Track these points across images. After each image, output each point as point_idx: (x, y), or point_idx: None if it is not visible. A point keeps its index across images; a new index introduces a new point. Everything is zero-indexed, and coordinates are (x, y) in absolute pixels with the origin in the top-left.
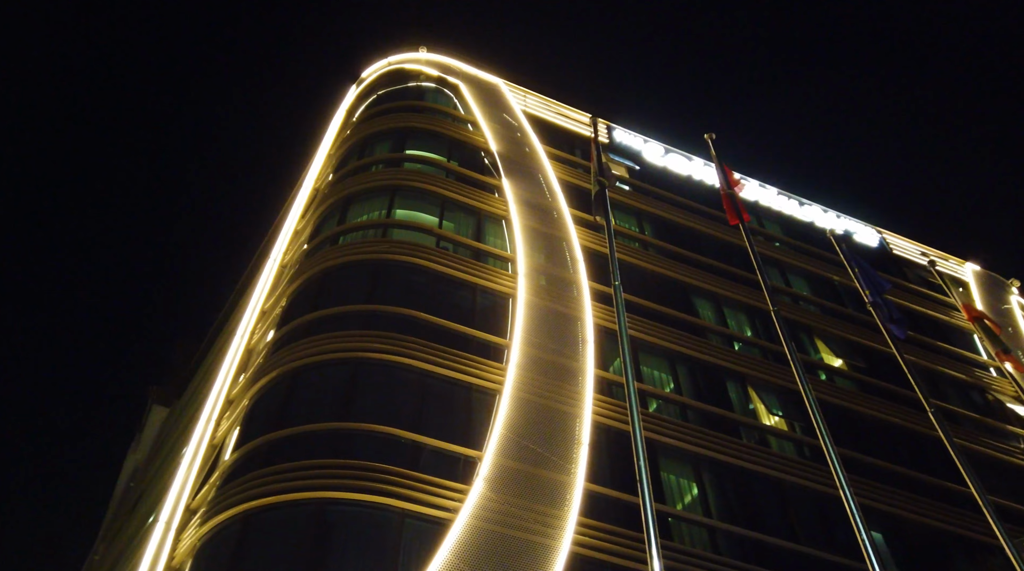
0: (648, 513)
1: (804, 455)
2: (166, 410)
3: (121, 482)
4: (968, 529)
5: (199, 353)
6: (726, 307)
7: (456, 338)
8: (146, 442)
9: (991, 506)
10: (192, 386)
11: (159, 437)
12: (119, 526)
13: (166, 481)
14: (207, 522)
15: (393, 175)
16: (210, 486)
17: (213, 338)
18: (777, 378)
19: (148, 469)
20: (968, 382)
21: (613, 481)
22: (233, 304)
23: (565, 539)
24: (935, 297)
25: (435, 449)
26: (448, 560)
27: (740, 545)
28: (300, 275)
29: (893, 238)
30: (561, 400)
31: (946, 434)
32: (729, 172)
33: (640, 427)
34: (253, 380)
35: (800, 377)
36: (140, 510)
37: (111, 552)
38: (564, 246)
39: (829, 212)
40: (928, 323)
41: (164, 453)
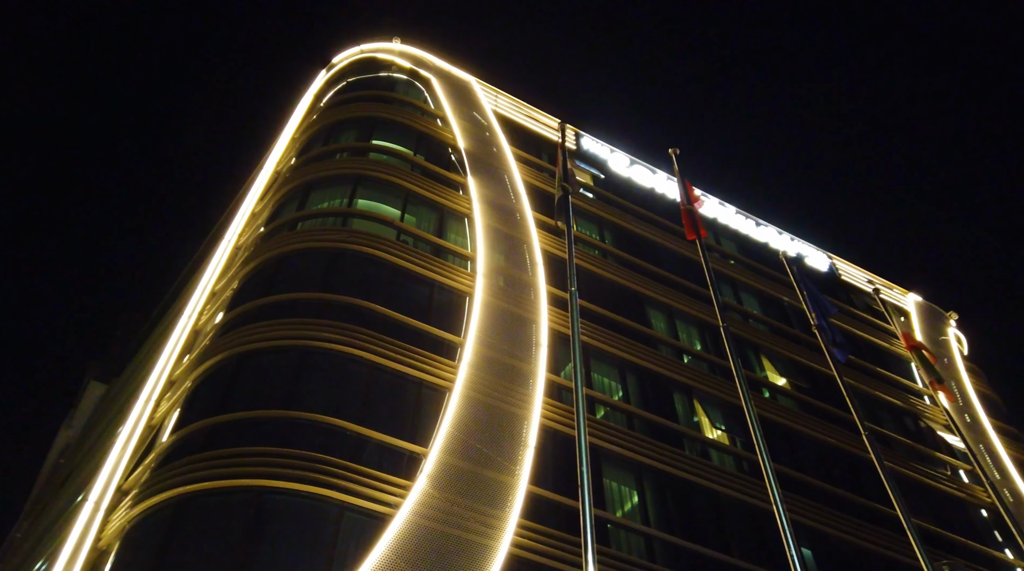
0: (587, 518)
1: (743, 470)
2: (104, 386)
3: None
4: (894, 551)
5: (143, 330)
6: (678, 320)
7: (410, 333)
8: (80, 418)
9: (915, 529)
10: (133, 363)
11: (95, 414)
12: (45, 503)
13: (99, 460)
14: (139, 504)
15: (358, 164)
16: (145, 467)
17: (159, 316)
18: (722, 393)
19: (81, 446)
20: (902, 408)
21: (556, 485)
22: (182, 282)
23: (504, 540)
24: (877, 324)
25: (380, 443)
26: (385, 555)
27: (676, 555)
28: (254, 258)
29: (842, 264)
30: (511, 402)
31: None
32: (690, 188)
33: (586, 433)
34: (198, 362)
35: (744, 393)
36: (69, 488)
37: (35, 530)
38: (524, 249)
39: (784, 234)
40: (869, 349)
41: (99, 431)
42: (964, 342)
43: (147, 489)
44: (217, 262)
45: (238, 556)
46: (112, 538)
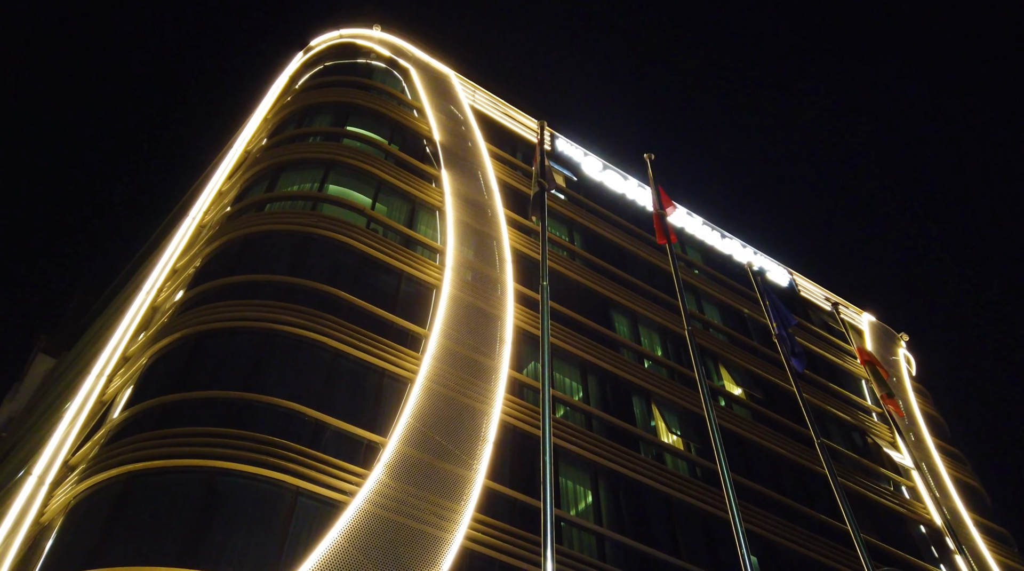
0: (548, 516)
1: (696, 475)
2: (52, 360)
3: None
4: (836, 562)
5: (97, 305)
6: (641, 325)
7: (375, 322)
8: (26, 392)
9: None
10: (85, 338)
11: (41, 388)
12: None
13: (44, 434)
14: (86, 479)
15: (330, 149)
16: (93, 443)
17: (115, 291)
18: (680, 399)
19: (25, 420)
20: (851, 423)
21: (513, 481)
22: (141, 258)
23: (458, 533)
24: (832, 341)
25: (338, 430)
26: (338, 542)
27: (626, 555)
28: (219, 237)
29: (802, 280)
30: (472, 396)
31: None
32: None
33: (550, 431)
34: (155, 339)
35: (706, 401)
36: (11, 462)
37: None
38: (494, 245)
39: (748, 247)
40: (823, 364)
41: (45, 405)
42: (913, 363)
43: (95, 465)
44: (180, 239)
45: (188, 536)
46: (56, 513)
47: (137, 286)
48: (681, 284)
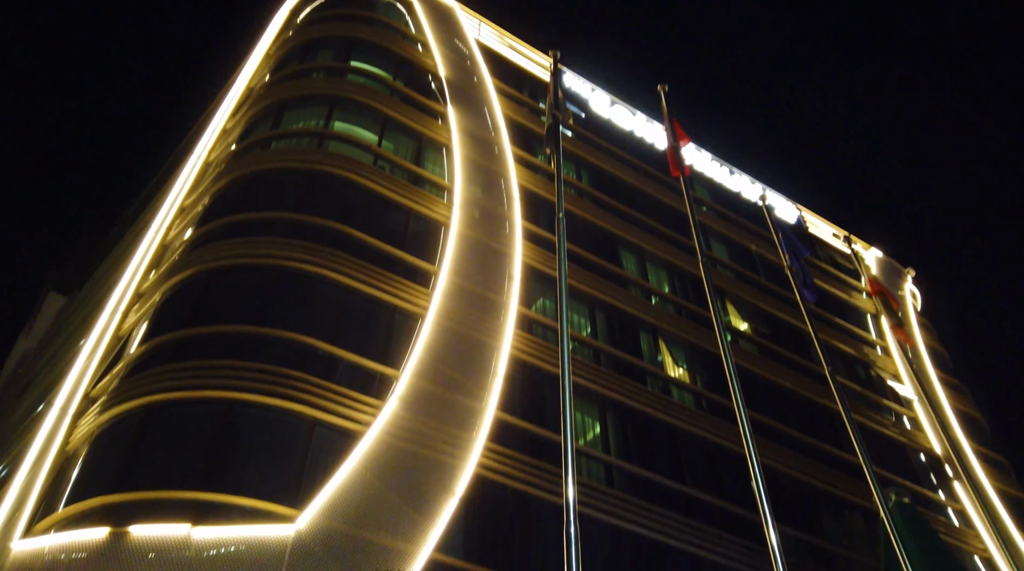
0: (568, 448)
1: (701, 407)
2: (63, 298)
3: (9, 366)
4: (836, 487)
5: (105, 243)
6: (649, 262)
7: (384, 259)
8: (39, 329)
9: (873, 472)
10: (96, 276)
11: (55, 325)
12: (4, 410)
13: (63, 368)
14: (108, 410)
15: (334, 85)
16: (112, 376)
17: (123, 229)
18: (687, 334)
19: (41, 356)
20: (855, 357)
21: (523, 412)
22: (148, 196)
23: (471, 461)
24: (838, 276)
25: (352, 364)
26: (356, 470)
27: (633, 482)
28: (226, 175)
29: (810, 216)
30: (482, 332)
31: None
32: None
33: (569, 366)
34: (167, 276)
35: (721, 336)
36: (29, 396)
37: None
38: (502, 182)
39: (756, 183)
40: (829, 299)
41: (60, 341)
42: (918, 297)
43: (116, 397)
44: (186, 177)
45: (208, 463)
46: (80, 443)
47: (146, 224)
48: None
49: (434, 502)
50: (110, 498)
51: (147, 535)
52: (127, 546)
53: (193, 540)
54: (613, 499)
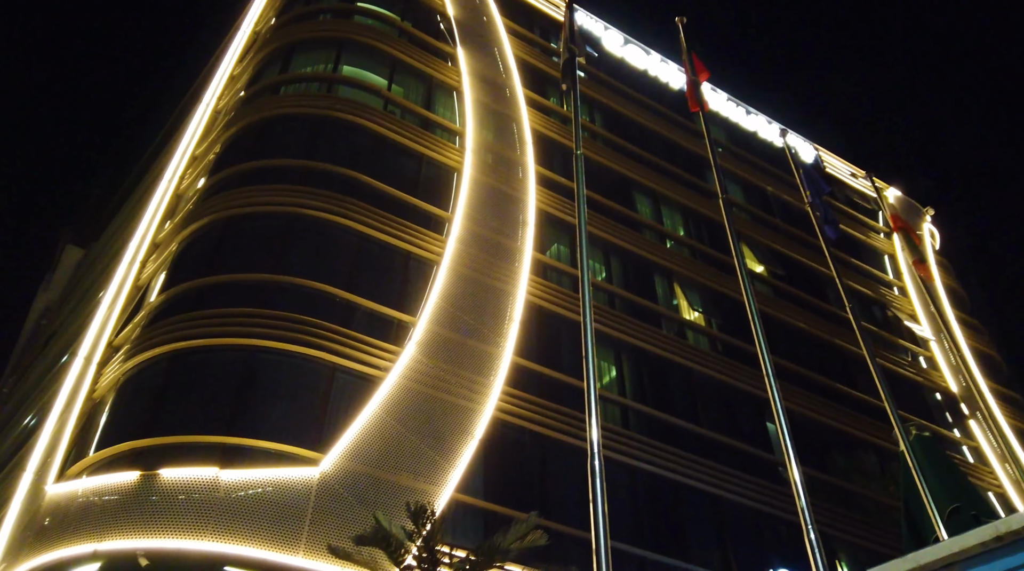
0: (591, 392)
1: (716, 349)
2: (80, 251)
3: (31, 319)
4: (848, 426)
5: (119, 195)
6: (664, 205)
7: (397, 205)
8: (58, 282)
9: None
10: (111, 228)
11: (74, 277)
12: (29, 362)
13: (85, 319)
14: (132, 358)
15: (341, 27)
16: (134, 325)
17: (136, 180)
18: (702, 277)
19: (62, 309)
20: (872, 298)
21: (539, 356)
22: (158, 147)
23: (488, 404)
24: (856, 216)
25: (369, 310)
26: (376, 413)
27: (648, 423)
28: (236, 122)
29: (828, 156)
30: (498, 277)
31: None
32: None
33: (591, 312)
34: (183, 225)
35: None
36: (53, 347)
37: (21, 387)
38: (514, 126)
39: (773, 123)
40: (846, 240)
41: (80, 293)
42: (936, 237)
43: (140, 345)
44: (196, 126)
45: (231, 408)
46: (106, 390)
47: (158, 174)
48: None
49: (454, 444)
50: (139, 443)
51: (176, 477)
52: (158, 488)
53: (222, 482)
54: (630, 440)
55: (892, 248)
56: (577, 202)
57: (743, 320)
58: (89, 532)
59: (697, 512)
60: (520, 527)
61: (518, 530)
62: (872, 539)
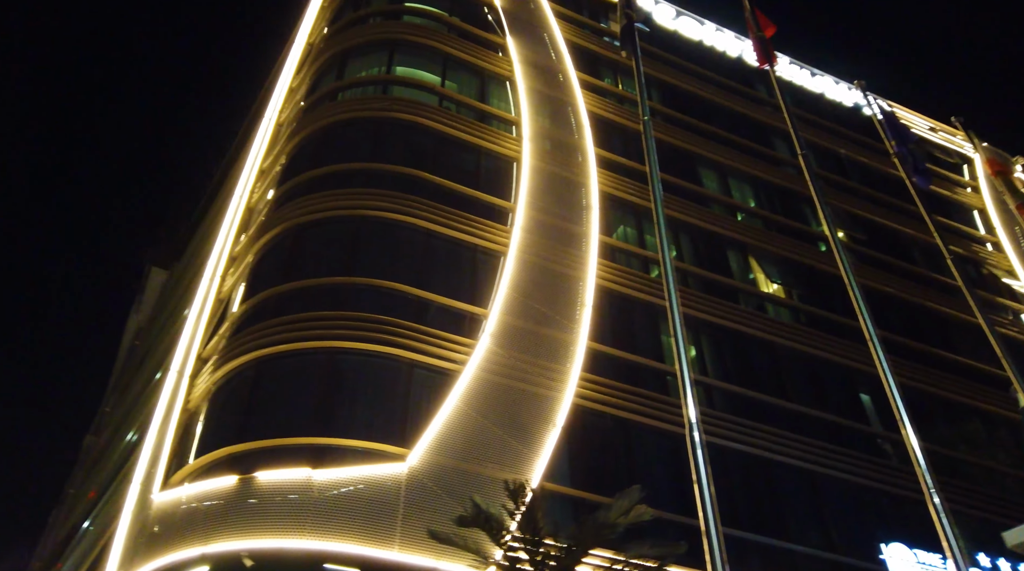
0: (686, 378)
1: (799, 321)
2: (165, 273)
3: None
4: (949, 392)
5: (195, 215)
6: (731, 177)
7: (460, 200)
8: (147, 303)
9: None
10: (191, 248)
11: (161, 298)
12: (127, 381)
13: (173, 336)
14: (221, 368)
15: (392, 29)
16: (220, 336)
17: (209, 200)
18: (778, 248)
19: (152, 328)
20: (965, 256)
21: (614, 340)
22: (227, 166)
23: (568, 391)
24: (940, 173)
25: (441, 305)
26: (457, 407)
27: (733, 402)
28: (299, 132)
29: (903, 112)
30: (566, 264)
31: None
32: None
33: (677, 299)
34: (256, 236)
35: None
36: (148, 365)
37: (122, 404)
38: (570, 110)
39: (841, 83)
40: (932, 198)
41: (168, 312)
42: None
43: (226, 354)
44: (261, 140)
45: (318, 409)
46: (199, 400)
47: (230, 191)
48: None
49: (536, 433)
50: (234, 448)
51: (272, 480)
52: (255, 491)
53: (315, 482)
54: (717, 421)
55: (981, 202)
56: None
57: (825, 289)
58: (196, 536)
59: (793, 489)
60: (623, 502)
61: (621, 505)
62: (982, 507)
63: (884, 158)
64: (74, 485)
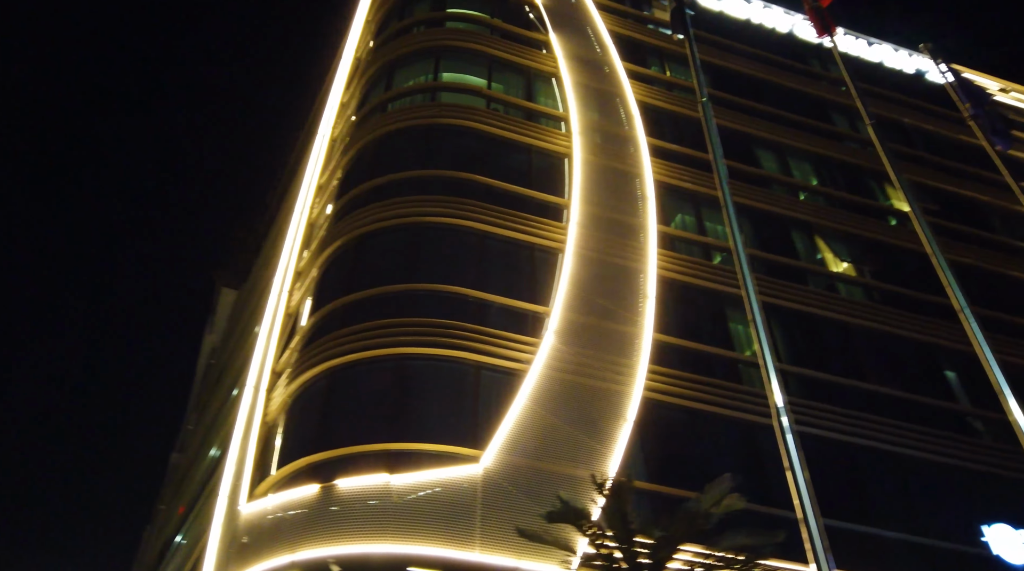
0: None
1: (873, 299)
2: (234, 292)
3: (201, 361)
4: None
5: (258, 235)
6: (790, 156)
7: (514, 199)
8: (219, 323)
9: None
10: (256, 267)
11: (232, 317)
12: (206, 399)
13: (247, 352)
14: (295, 380)
15: (436, 36)
16: (292, 350)
17: (270, 220)
18: (845, 225)
19: (225, 347)
20: None
21: (679, 330)
22: (285, 186)
23: (637, 385)
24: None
25: (502, 306)
26: (526, 406)
27: (810, 387)
28: (352, 146)
29: (968, 74)
30: (624, 256)
31: None
32: None
33: (754, 285)
34: (319, 251)
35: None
36: (224, 382)
37: (203, 421)
38: (618, 102)
39: (900, 51)
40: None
41: (239, 330)
42: None
43: (299, 367)
44: (316, 157)
45: (391, 415)
46: (276, 413)
47: (289, 210)
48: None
49: (608, 429)
50: (313, 457)
51: (352, 487)
52: (336, 498)
53: (393, 487)
54: (796, 407)
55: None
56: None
57: (898, 264)
58: (284, 545)
59: (879, 474)
60: (715, 491)
61: (713, 495)
62: None
63: (952, 125)
64: (164, 502)
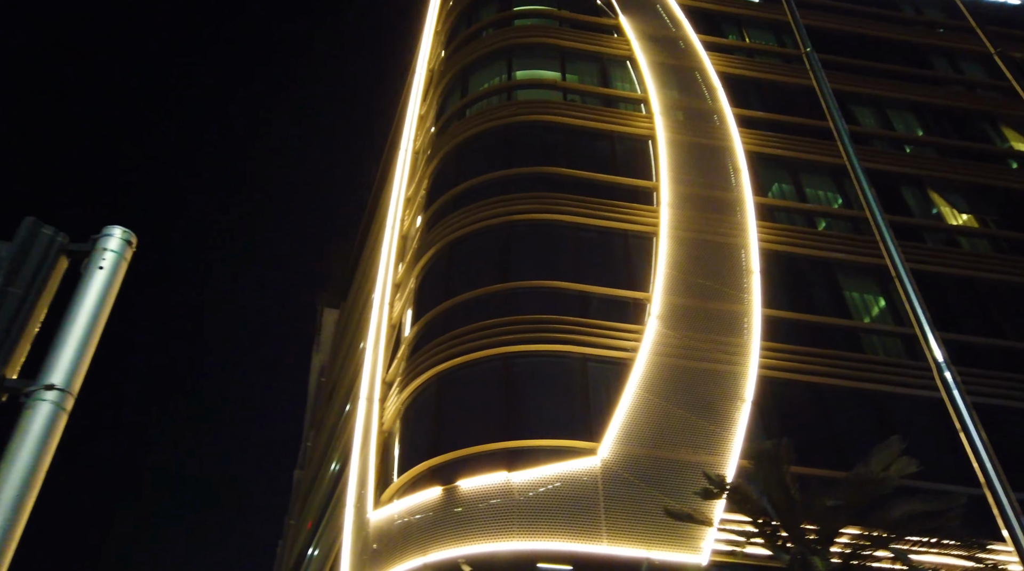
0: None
1: (1001, 250)
2: (336, 312)
3: (312, 379)
4: None
5: (354, 253)
6: (889, 109)
7: (601, 188)
8: (325, 342)
9: None
10: (355, 285)
11: (337, 335)
12: (321, 416)
13: (356, 367)
14: (405, 388)
15: (505, 36)
16: (399, 360)
17: (363, 237)
18: (959, 174)
19: (334, 364)
20: None
21: (791, 303)
22: (374, 202)
23: (751, 364)
24: None
25: (602, 296)
26: (637, 394)
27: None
28: (435, 156)
29: None
30: (722, 232)
31: None
32: None
33: (900, 255)
34: (414, 261)
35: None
36: (337, 398)
37: (321, 437)
38: (697, 76)
39: None
40: None
41: (345, 346)
42: None
43: (408, 375)
44: (402, 171)
45: (502, 414)
46: (392, 421)
47: (380, 225)
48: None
49: (725, 411)
50: (432, 461)
51: (474, 487)
52: (460, 499)
53: (513, 484)
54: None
55: None
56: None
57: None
58: (414, 548)
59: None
60: (883, 454)
61: (882, 458)
62: None
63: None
64: (293, 516)
